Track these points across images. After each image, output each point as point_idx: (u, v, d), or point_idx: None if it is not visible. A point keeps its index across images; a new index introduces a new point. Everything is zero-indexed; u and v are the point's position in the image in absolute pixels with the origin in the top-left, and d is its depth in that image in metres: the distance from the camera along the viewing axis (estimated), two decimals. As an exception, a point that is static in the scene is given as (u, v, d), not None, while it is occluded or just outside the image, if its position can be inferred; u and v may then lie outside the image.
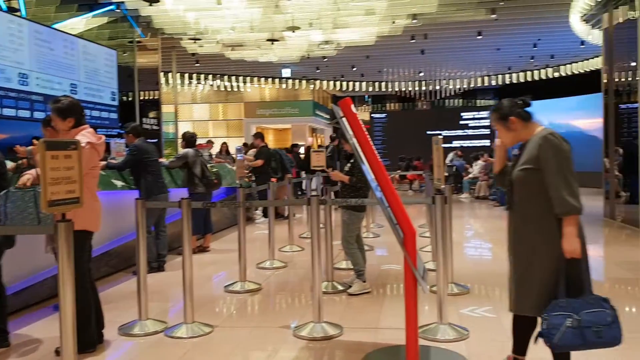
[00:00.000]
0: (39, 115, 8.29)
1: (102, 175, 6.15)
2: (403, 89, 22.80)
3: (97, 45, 9.94)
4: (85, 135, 3.56)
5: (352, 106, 3.28)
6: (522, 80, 20.53)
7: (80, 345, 3.26)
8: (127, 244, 6.33)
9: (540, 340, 2.66)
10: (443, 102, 25.73)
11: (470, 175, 15.13)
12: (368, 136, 3.26)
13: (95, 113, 9.73)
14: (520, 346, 3.01)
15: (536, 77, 19.94)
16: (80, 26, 11.04)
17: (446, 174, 10.48)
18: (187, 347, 3.82)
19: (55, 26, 9.55)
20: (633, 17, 8.86)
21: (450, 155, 16.00)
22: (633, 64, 8.89)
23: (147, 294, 4.24)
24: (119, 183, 6.31)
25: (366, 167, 3.23)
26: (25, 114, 7.93)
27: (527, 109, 2.94)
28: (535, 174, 2.75)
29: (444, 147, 10.09)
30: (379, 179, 3.18)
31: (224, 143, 13.30)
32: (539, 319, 2.70)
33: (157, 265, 6.30)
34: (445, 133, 23.96)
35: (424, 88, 22.83)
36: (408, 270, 3.16)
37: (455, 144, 22.64)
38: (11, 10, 8.70)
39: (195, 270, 4.85)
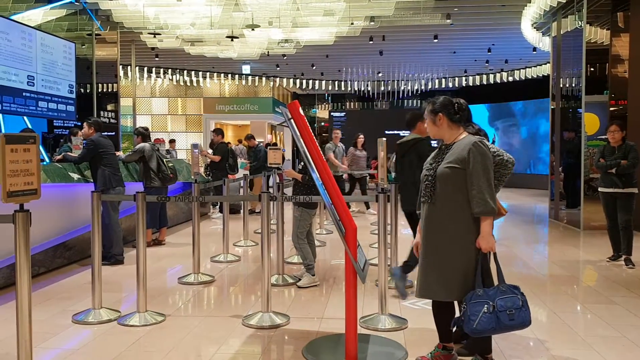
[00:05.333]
0: (-7, 106, 8.22)
1: (59, 167, 6.23)
2: (362, 89, 23.17)
3: (56, 38, 9.86)
4: None
5: (300, 109, 3.51)
6: (477, 83, 21.18)
7: None
8: (82, 236, 6.41)
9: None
10: (402, 103, 26.24)
11: None
12: (314, 137, 3.50)
13: (52, 105, 9.65)
14: (444, 334, 3.32)
15: (491, 81, 20.61)
16: (38, 18, 10.89)
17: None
18: (139, 334, 3.98)
19: (13, 17, 9.43)
20: (580, 26, 9.39)
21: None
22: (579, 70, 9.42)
23: (101, 284, 4.38)
24: (75, 176, 6.39)
25: (312, 167, 3.46)
26: (-21, 104, 7.87)
27: (459, 115, 3.21)
28: (460, 173, 3.04)
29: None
30: (323, 179, 3.43)
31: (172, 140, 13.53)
32: (456, 307, 3.01)
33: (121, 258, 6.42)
34: (403, 133, 24.47)
35: (382, 88, 23.25)
36: (349, 262, 3.42)
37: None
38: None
39: (151, 262, 5.02)
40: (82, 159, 6.43)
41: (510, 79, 19.90)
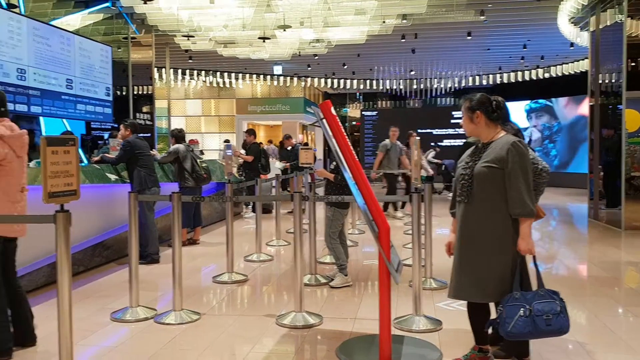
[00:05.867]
0: (35, 109, 8.46)
1: (97, 168, 6.37)
2: (394, 87, 23.02)
3: (93, 42, 10.09)
4: None
5: (332, 108, 3.51)
6: (512, 80, 20.79)
7: None
8: (119, 235, 6.55)
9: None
10: (434, 101, 25.96)
11: None
12: (346, 137, 3.49)
13: (90, 108, 9.88)
14: (480, 336, 3.26)
15: (527, 78, 20.20)
16: (76, 23, 11.17)
17: (432, 173, 10.71)
18: (175, 332, 4.05)
19: (53, 23, 9.70)
20: (620, 20, 9.12)
21: (431, 153, 16.07)
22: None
23: (138, 283, 4.47)
24: (113, 177, 6.52)
25: (344, 166, 3.45)
26: (22, 108, 8.10)
27: (497, 113, 3.15)
28: (498, 173, 2.98)
29: (439, 146, 10.33)
30: (356, 178, 3.41)
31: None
32: (493, 309, 2.95)
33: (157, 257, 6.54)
34: (436, 132, 24.19)
35: (415, 86, 23.04)
36: (382, 263, 3.40)
37: (446, 142, 22.89)
38: (10, 7, 8.85)
39: (186, 261, 5.09)
40: (119, 160, 6.56)
41: (547, 75, 19.46)
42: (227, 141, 6.84)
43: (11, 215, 3.46)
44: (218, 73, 20.50)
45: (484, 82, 21.83)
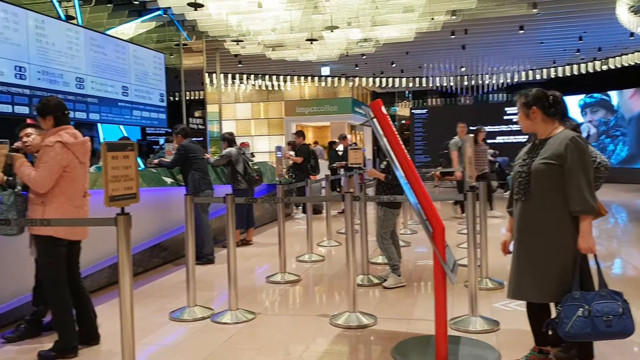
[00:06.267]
0: (94, 117, 8.80)
1: (153, 172, 6.57)
2: (444, 84, 22.68)
3: (146, 49, 10.41)
4: (59, 135, 3.56)
5: (383, 107, 3.49)
6: (568, 73, 20.10)
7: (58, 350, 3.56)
8: (175, 237, 6.72)
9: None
10: (486, 97, 25.42)
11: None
12: (398, 136, 3.46)
13: (146, 114, 10.20)
14: (540, 336, 3.16)
15: (583, 71, 19.48)
16: (130, 31, 11.57)
17: (487, 171, 10.27)
18: (231, 332, 4.12)
19: (108, 32, 10.07)
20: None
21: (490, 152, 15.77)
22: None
23: (195, 283, 4.57)
24: (169, 180, 6.71)
25: (397, 166, 3.42)
26: (81, 115, 8.45)
27: (555, 108, 3.05)
28: (556, 169, 2.89)
29: (488, 143, 9.88)
30: (409, 177, 3.38)
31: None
32: (552, 309, 2.86)
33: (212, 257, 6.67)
34: (488, 128, 23.67)
35: (465, 83, 22.64)
36: (437, 263, 3.35)
37: (499, 139, 22.36)
38: (69, 18, 9.26)
39: (239, 262, 5.16)
40: (174, 163, 6.74)
41: (605, 67, 18.71)
42: (278, 147, 6.93)
43: (75, 218, 3.60)
44: (267, 76, 20.76)
45: (537, 77, 21.21)
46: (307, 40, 13.03)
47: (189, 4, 10.26)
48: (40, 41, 7.69)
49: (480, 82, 22.42)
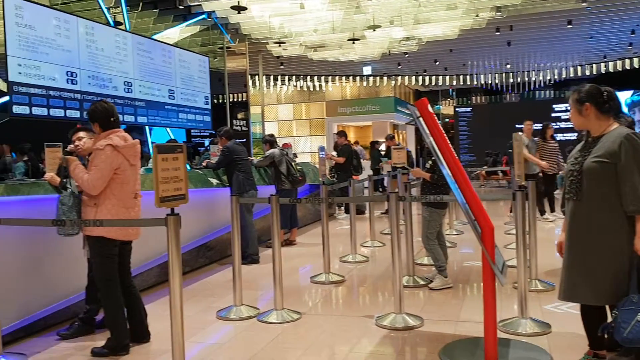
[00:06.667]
0: (142, 120, 9.03)
1: (200, 174, 6.69)
2: (489, 82, 22.25)
3: (191, 53, 10.61)
4: (109, 138, 3.66)
5: (429, 106, 3.44)
6: (619, 68, 19.38)
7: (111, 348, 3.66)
8: (221, 237, 6.82)
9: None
10: (533, 94, 24.80)
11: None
12: (444, 134, 3.41)
13: (191, 116, 10.39)
14: (595, 340, 3.05)
15: (636, 65, 18.75)
16: (175, 36, 11.82)
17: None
18: (277, 331, 4.15)
19: (154, 37, 10.32)
20: None
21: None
22: None
23: (241, 283, 4.63)
24: (214, 181, 6.81)
25: (444, 165, 3.37)
26: (130, 119, 8.68)
27: (609, 104, 2.95)
28: (610, 167, 2.79)
29: (534, 141, 9.51)
30: (456, 176, 3.32)
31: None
32: (608, 312, 2.75)
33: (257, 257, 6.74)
34: (536, 126, 23.08)
35: (511, 80, 22.15)
36: (486, 264, 3.29)
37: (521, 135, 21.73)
38: (117, 24, 9.54)
39: (283, 262, 5.17)
40: (219, 165, 6.85)
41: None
42: (321, 148, 6.94)
43: (127, 219, 3.70)
44: (308, 77, 20.85)
45: (587, 73, 20.55)
46: (349, 40, 13.01)
47: (233, 7, 10.40)
48: (90, 47, 7.93)
49: (526, 79, 21.90)
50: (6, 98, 7.02)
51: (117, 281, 3.75)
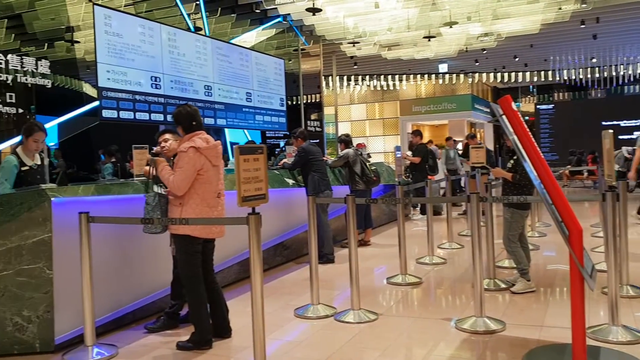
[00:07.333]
0: (221, 122, 9.33)
1: (276, 174, 6.81)
2: (572, 77, 21.21)
3: (267, 56, 10.85)
4: (192, 141, 3.78)
5: (513, 103, 3.32)
6: None
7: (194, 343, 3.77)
8: (296, 236, 6.91)
9: None
10: (621, 90, 23.40)
11: None
12: (529, 132, 3.28)
13: (267, 118, 10.63)
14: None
15: None
16: (252, 39, 12.12)
17: (622, 169, 9.32)
18: (354, 331, 4.14)
19: (232, 41, 10.63)
20: None
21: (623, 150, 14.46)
22: None
23: (318, 282, 4.66)
24: (290, 181, 6.92)
25: (528, 164, 3.25)
26: (209, 121, 9.00)
27: None
28: None
29: (622, 139, 8.95)
30: (542, 176, 3.19)
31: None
32: None
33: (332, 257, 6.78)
34: (624, 123, 21.75)
35: (597, 75, 21.00)
36: (574, 267, 3.14)
37: (636, 134, 20.49)
38: (197, 29, 9.91)
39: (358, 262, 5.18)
40: (294, 165, 6.95)
41: None
42: (397, 147, 6.88)
43: (210, 218, 3.83)
44: (382, 76, 20.72)
45: (682, 65, 19.16)
46: (425, 37, 12.81)
47: (308, 10, 10.52)
48: (172, 52, 8.29)
49: (613, 73, 20.68)
50: (96, 103, 7.46)
51: (201, 278, 3.88)
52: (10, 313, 3.74)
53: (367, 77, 20.68)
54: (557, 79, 21.31)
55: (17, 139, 5.74)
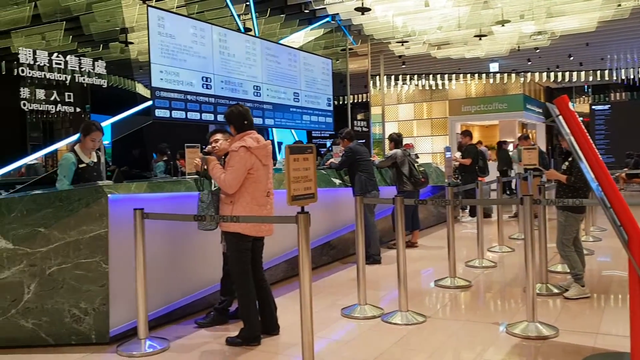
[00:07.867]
0: (269, 122, 9.42)
1: (323, 174, 6.83)
2: (631, 77, 20.36)
3: (315, 56, 10.88)
4: (243, 140, 3.85)
5: (570, 103, 3.23)
6: None
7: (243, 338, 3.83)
8: (343, 236, 6.91)
9: None
10: (682, 89, 22.33)
11: None
12: (587, 134, 3.18)
13: (314, 118, 10.66)
14: None
15: None
16: (300, 39, 12.19)
17: None
18: (402, 333, 4.12)
19: (281, 41, 10.73)
20: None
21: None
22: None
23: (365, 282, 4.65)
24: (337, 181, 6.93)
25: (585, 166, 3.15)
26: (258, 121, 9.10)
27: None
28: None
29: None
30: (600, 178, 3.09)
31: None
32: None
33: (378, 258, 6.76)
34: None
35: (658, 74, 20.11)
36: (633, 273, 3.03)
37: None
38: (246, 30, 10.04)
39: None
40: (342, 165, 6.95)
41: None
42: (447, 148, 6.79)
43: (260, 216, 3.88)
44: (430, 75, 20.46)
45: None
46: (475, 36, 12.57)
47: (357, 9, 10.49)
48: (222, 53, 8.42)
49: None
50: (149, 103, 7.66)
51: (250, 275, 3.94)
52: (69, 305, 3.90)
53: (415, 76, 20.44)
54: (614, 78, 20.51)
55: (74, 137, 5.96)
